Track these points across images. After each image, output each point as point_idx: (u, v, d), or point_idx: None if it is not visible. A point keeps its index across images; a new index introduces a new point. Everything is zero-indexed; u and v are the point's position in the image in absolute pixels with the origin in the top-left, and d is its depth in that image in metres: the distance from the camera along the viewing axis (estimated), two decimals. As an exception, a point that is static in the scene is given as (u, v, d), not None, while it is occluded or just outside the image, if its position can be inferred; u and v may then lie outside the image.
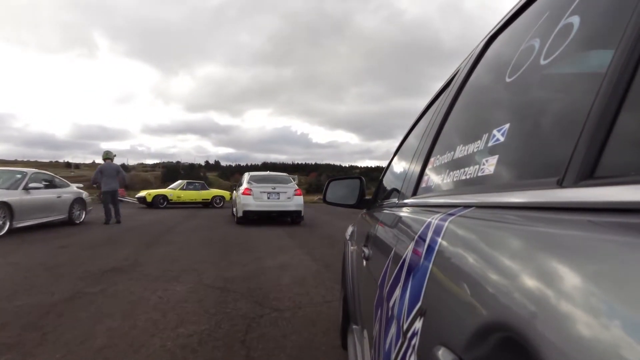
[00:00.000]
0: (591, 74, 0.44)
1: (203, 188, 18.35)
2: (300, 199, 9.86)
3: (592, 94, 0.38)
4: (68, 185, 9.09)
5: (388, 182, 1.80)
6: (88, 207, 9.51)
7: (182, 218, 11.49)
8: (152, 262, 4.73)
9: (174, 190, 17.62)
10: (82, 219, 9.16)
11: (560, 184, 0.38)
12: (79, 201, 9.11)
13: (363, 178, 1.99)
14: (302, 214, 9.92)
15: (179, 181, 19.16)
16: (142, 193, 17.53)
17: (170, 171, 73.14)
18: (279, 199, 9.57)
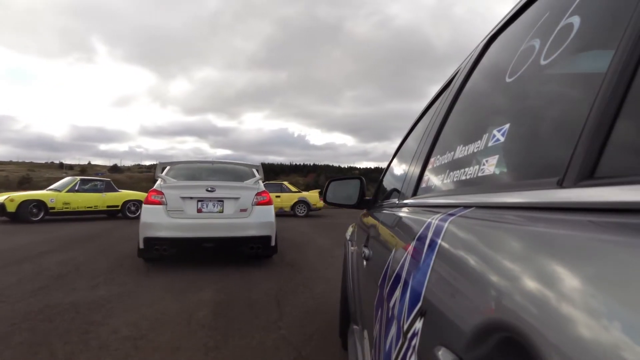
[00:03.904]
0: (591, 74, 0.44)
1: (109, 189, 11.44)
2: (268, 213, 4.85)
3: (592, 95, 0.38)
4: None
5: (388, 182, 1.80)
6: None
7: (44, 248, 5.81)
8: None
9: (59, 192, 10.57)
10: None
11: (560, 184, 0.38)
12: None
13: (363, 178, 1.99)
14: (275, 241, 4.88)
15: (68, 178, 11.66)
16: (0, 197, 10.03)
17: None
18: (222, 212, 4.68)
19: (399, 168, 1.63)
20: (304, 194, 14.97)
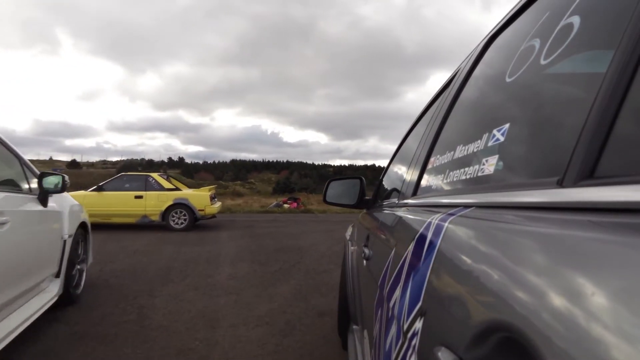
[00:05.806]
0: (591, 74, 0.44)
1: None
2: None
3: (592, 94, 0.38)
4: None
5: (388, 182, 1.80)
6: None
7: None
8: None
9: None
10: None
11: (560, 184, 0.38)
12: None
13: (363, 178, 1.99)
14: None
15: None
16: None
17: (126, 167, 58.14)
18: None
19: (398, 168, 1.63)
20: (186, 192, 8.46)
